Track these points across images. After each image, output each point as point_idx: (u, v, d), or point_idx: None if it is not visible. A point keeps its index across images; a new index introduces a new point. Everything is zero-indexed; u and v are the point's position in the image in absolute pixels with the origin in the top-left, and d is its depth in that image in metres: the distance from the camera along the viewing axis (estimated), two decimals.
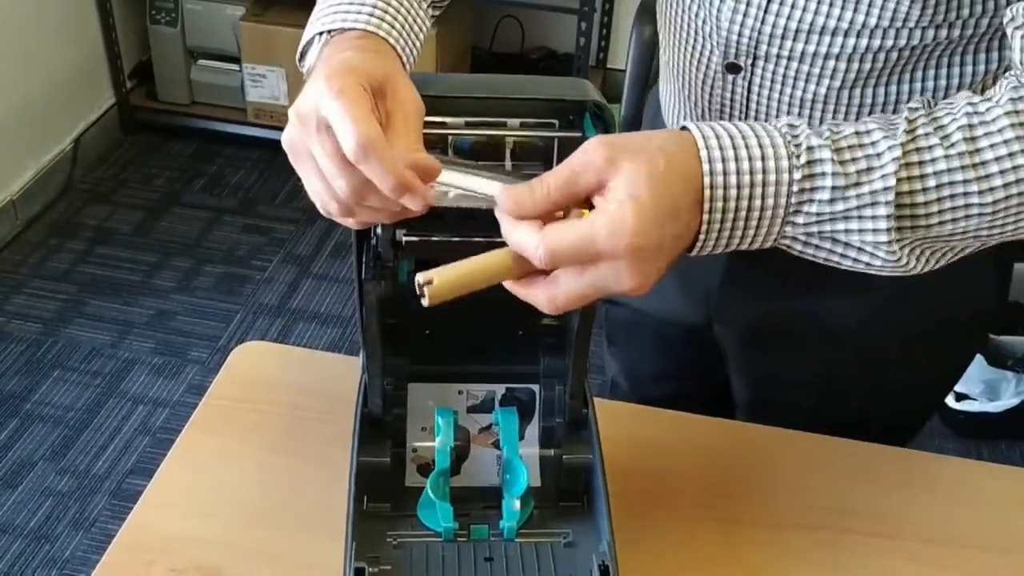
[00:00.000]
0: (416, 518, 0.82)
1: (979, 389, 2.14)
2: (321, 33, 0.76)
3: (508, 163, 0.82)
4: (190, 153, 2.97)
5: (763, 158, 0.67)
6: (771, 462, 0.99)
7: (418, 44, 0.78)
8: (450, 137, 0.80)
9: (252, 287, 2.54)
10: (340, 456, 0.86)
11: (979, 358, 2.09)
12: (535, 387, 0.88)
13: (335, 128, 0.66)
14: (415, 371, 0.87)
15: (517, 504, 0.80)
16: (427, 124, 0.80)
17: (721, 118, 0.94)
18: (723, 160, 0.67)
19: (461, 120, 0.80)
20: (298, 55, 0.80)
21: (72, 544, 1.92)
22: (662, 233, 0.65)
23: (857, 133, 0.69)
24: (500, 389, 0.88)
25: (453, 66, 2.85)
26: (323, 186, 0.70)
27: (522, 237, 0.66)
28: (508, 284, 0.68)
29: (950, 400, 2.16)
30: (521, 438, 0.85)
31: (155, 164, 2.93)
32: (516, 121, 0.80)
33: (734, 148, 0.67)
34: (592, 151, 0.66)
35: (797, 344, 1.06)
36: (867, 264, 0.71)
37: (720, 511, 0.93)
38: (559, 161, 0.81)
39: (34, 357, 2.30)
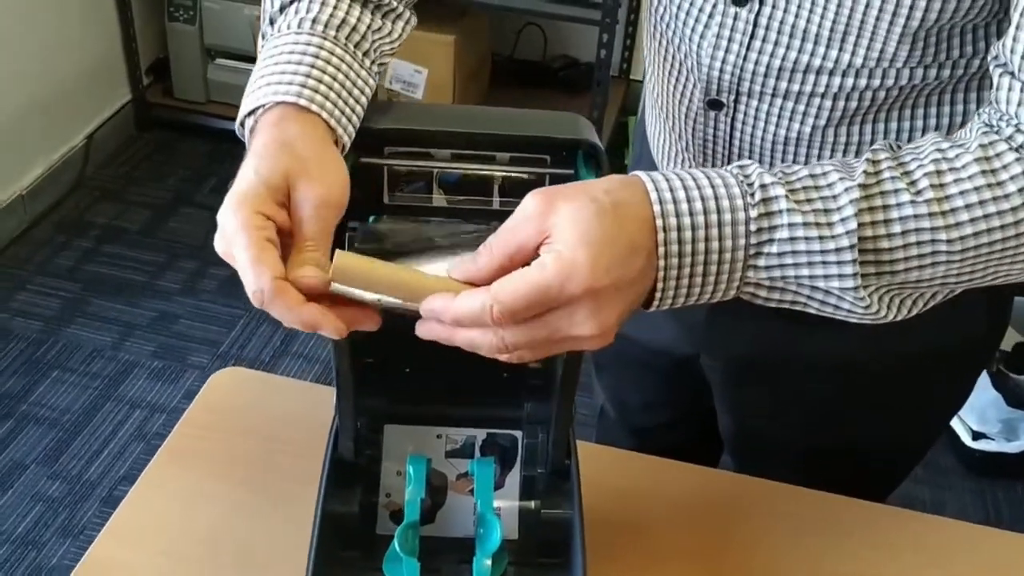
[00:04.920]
0: (382, 573, 0.77)
1: (996, 429, 2.08)
2: (255, 110, 0.71)
3: (496, 199, 0.77)
4: (204, 152, 2.94)
5: (716, 197, 0.64)
6: (760, 516, 0.94)
7: (359, 108, 0.74)
8: (435, 171, 0.76)
9: None
10: (311, 493, 0.81)
11: (998, 397, 2.04)
12: (518, 433, 0.83)
13: (240, 274, 0.63)
14: (393, 412, 0.83)
15: (488, 563, 0.76)
16: (412, 155, 0.75)
17: (704, 152, 0.91)
18: (675, 201, 0.64)
19: (447, 152, 0.75)
20: (237, 126, 0.75)
21: (59, 552, 1.88)
22: (620, 273, 0.62)
23: (812, 175, 0.66)
24: (481, 434, 0.83)
25: (473, 72, 2.81)
26: None
27: (467, 303, 0.61)
28: (442, 333, 0.64)
29: (967, 439, 2.11)
30: (501, 487, 0.81)
31: (168, 162, 2.90)
32: (506, 156, 0.76)
33: (685, 189, 0.64)
34: (526, 202, 0.63)
35: (783, 377, 1.03)
36: (835, 308, 0.69)
37: (706, 566, 0.89)
38: None
39: (34, 356, 2.27)
